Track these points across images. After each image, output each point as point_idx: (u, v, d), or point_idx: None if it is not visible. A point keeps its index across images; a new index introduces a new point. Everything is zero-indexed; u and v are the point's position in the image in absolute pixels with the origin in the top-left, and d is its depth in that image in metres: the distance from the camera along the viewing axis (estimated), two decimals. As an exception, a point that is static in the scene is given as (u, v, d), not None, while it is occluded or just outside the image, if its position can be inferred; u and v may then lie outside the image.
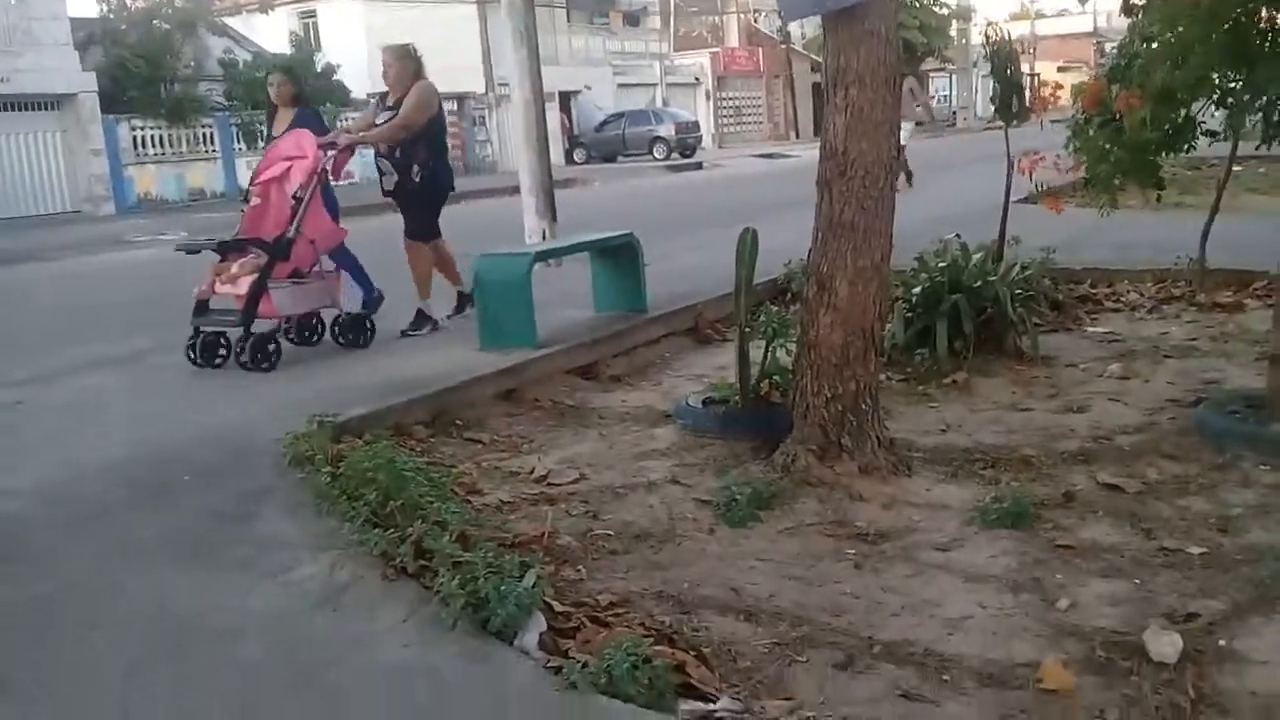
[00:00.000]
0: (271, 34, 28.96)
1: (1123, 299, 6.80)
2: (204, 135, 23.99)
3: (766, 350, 4.64)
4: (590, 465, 4.28)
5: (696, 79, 41.27)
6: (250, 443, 4.25)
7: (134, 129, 22.72)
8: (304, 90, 7.37)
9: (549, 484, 4.06)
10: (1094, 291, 6.90)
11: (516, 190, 9.64)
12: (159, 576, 3.16)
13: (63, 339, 7.21)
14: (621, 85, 37.59)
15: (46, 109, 21.43)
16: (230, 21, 27.48)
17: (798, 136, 40.50)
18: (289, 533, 3.42)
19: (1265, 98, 4.48)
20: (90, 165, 21.76)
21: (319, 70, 27.55)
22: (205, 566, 3.22)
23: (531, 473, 4.18)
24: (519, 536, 3.43)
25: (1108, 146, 5.32)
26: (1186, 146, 5.23)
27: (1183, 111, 5.09)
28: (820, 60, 4.08)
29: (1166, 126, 5.07)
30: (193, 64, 23.91)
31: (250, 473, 3.96)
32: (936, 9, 42.94)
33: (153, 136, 23.09)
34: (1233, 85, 4.93)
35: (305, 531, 3.41)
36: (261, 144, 24.76)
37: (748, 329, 4.60)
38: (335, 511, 3.43)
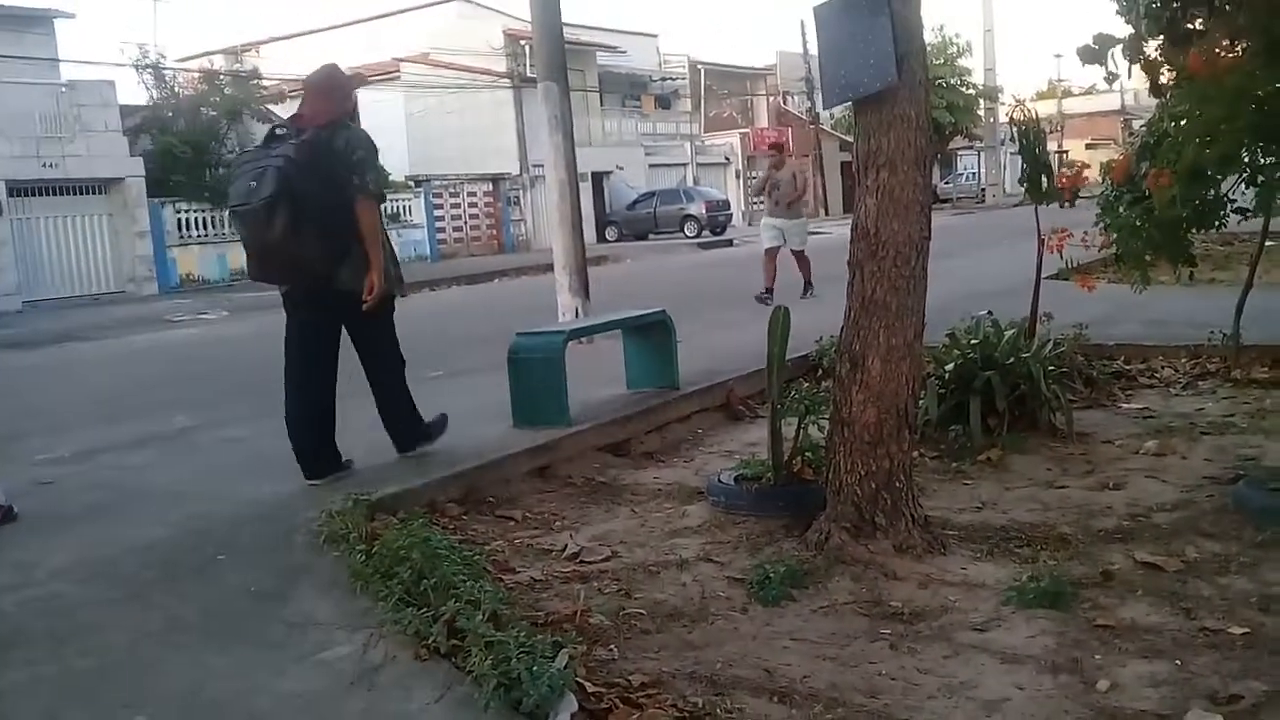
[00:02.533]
0: (313, 119, 29.75)
1: (1157, 375, 6.75)
2: (246, 218, 24.52)
3: (799, 427, 4.65)
4: (622, 543, 4.28)
5: (726, 158, 41.85)
6: (286, 521, 4.29)
7: (178, 211, 23.32)
8: None
9: (581, 562, 4.06)
10: (1128, 368, 6.86)
11: (550, 268, 9.79)
12: (196, 655, 3.18)
13: (107, 417, 7.34)
14: (653, 165, 38.19)
15: (95, 193, 22.05)
16: (274, 108, 28.25)
17: (827, 214, 40.80)
18: (324, 612, 3.44)
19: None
20: (135, 247, 22.31)
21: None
22: (241, 646, 3.24)
23: (564, 550, 4.19)
24: (551, 615, 3.43)
25: (1138, 223, 5.34)
26: (1217, 223, 5.24)
27: (1213, 189, 5.11)
28: (849, 139, 4.16)
29: (1197, 203, 5.09)
30: (237, 149, 24.54)
31: (286, 551, 4.00)
32: (964, 89, 43.53)
33: (196, 219, 23.67)
34: (1262, 163, 4.96)
35: (340, 611, 3.43)
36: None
37: (780, 406, 4.61)
38: (369, 590, 3.45)
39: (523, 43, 29.82)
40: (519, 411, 5.82)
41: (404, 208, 28.52)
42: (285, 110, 28.59)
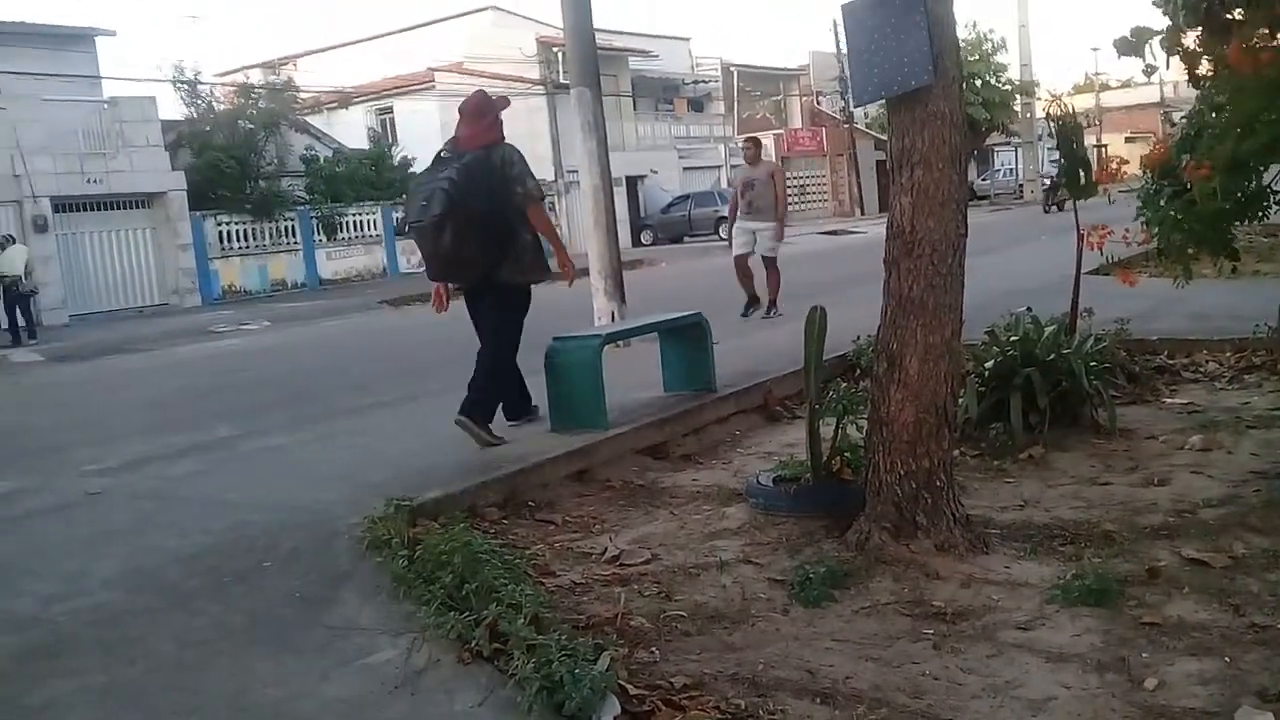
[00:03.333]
0: (350, 130, 30.10)
1: (1201, 369, 6.65)
2: (286, 229, 24.88)
3: (837, 427, 4.63)
4: (662, 545, 4.29)
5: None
6: (329, 527, 4.34)
7: (220, 224, 23.68)
8: None
9: (621, 565, 4.07)
10: (1171, 362, 6.76)
11: (585, 272, 9.81)
12: (242, 662, 3.23)
13: (151, 427, 7.46)
14: (687, 168, 38.20)
15: (138, 207, 22.46)
16: (311, 119, 28.61)
17: (863, 213, 40.58)
18: (367, 617, 3.48)
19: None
20: (178, 260, 22.68)
21: (395, 163, 28.52)
22: (286, 652, 3.28)
23: (604, 553, 4.20)
24: (592, 618, 3.44)
25: (1179, 216, 5.27)
26: (1260, 215, 5.16)
27: (1254, 180, 5.03)
28: (883, 138, 4.15)
29: (1239, 195, 5.01)
30: (275, 161, 24.90)
31: (329, 558, 4.04)
32: (1000, 85, 43.09)
33: (237, 231, 24.02)
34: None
35: (383, 615, 3.46)
36: (341, 235, 25.74)
37: (818, 406, 4.60)
38: (412, 595, 3.48)
39: (555, 49, 29.94)
40: (557, 415, 5.85)
41: (441, 215, 28.70)
42: (322, 121, 29.04)
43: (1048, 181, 30.21)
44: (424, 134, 31.40)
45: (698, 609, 3.56)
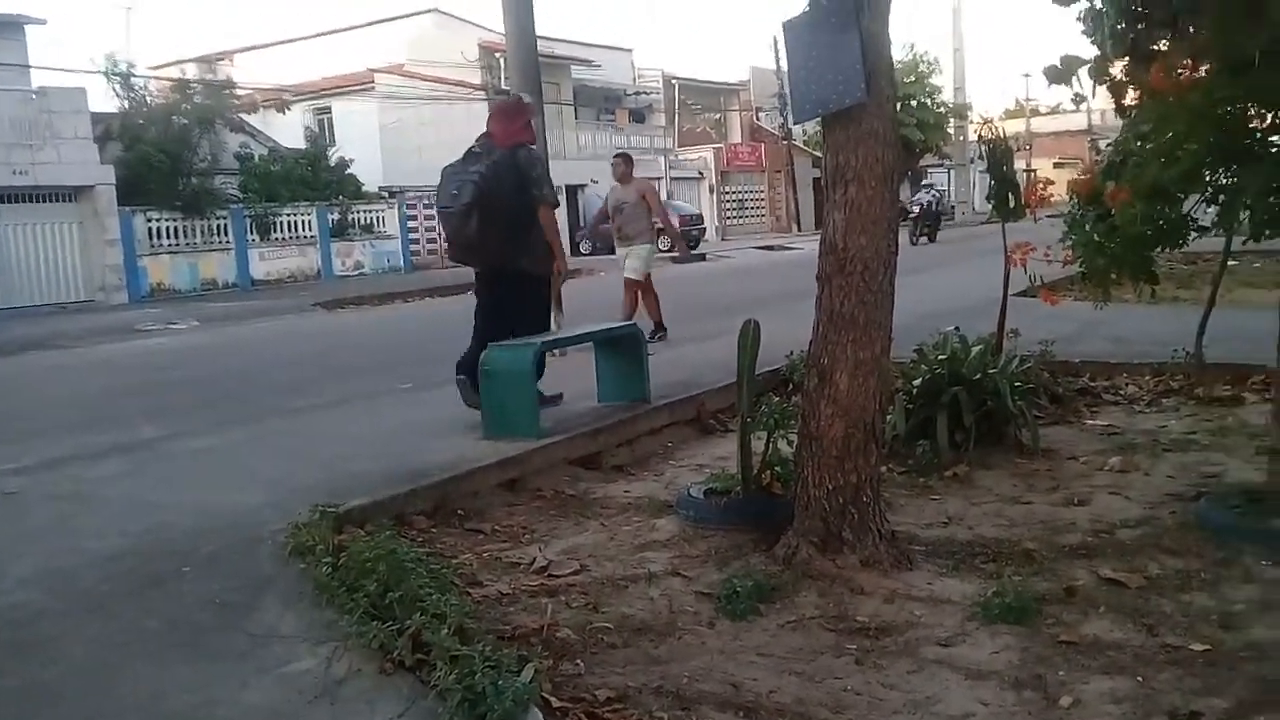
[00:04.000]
0: (287, 129, 29.68)
1: (1121, 392, 6.82)
2: (218, 227, 24.41)
3: (768, 441, 4.67)
4: (591, 556, 4.28)
5: (700, 173, 41.99)
6: (252, 532, 4.26)
7: (149, 220, 23.13)
8: None
9: (549, 575, 4.05)
10: (1093, 384, 6.93)
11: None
12: (157, 667, 3.15)
13: (73, 426, 7.26)
14: (628, 179, 38.22)
15: (64, 200, 21.84)
16: (248, 118, 28.13)
17: (799, 229, 41.01)
18: (288, 624, 3.41)
19: (1250, 195, 4.57)
20: (105, 255, 22.11)
21: (332, 164, 28.18)
22: (203, 658, 3.21)
23: (532, 564, 4.18)
24: (518, 629, 3.42)
25: (1102, 241, 5.41)
26: (1180, 242, 5.31)
27: (1175, 207, 5.18)
28: (820, 155, 4.19)
29: (1160, 222, 5.16)
30: (209, 158, 24.40)
31: (251, 563, 3.96)
32: (934, 107, 43.96)
33: (168, 228, 23.49)
34: (1223, 182, 5.04)
35: (304, 623, 3.40)
36: (275, 235, 25.36)
37: (750, 419, 4.63)
38: (334, 603, 3.42)
39: (498, 55, 29.84)
40: (490, 423, 5.81)
41: (377, 219, 28.43)
42: (258, 119, 28.56)
43: (917, 209, 28.51)
44: (363, 134, 31.19)
45: (624, 621, 3.56)
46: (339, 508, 4.35)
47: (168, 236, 23.54)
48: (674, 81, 43.02)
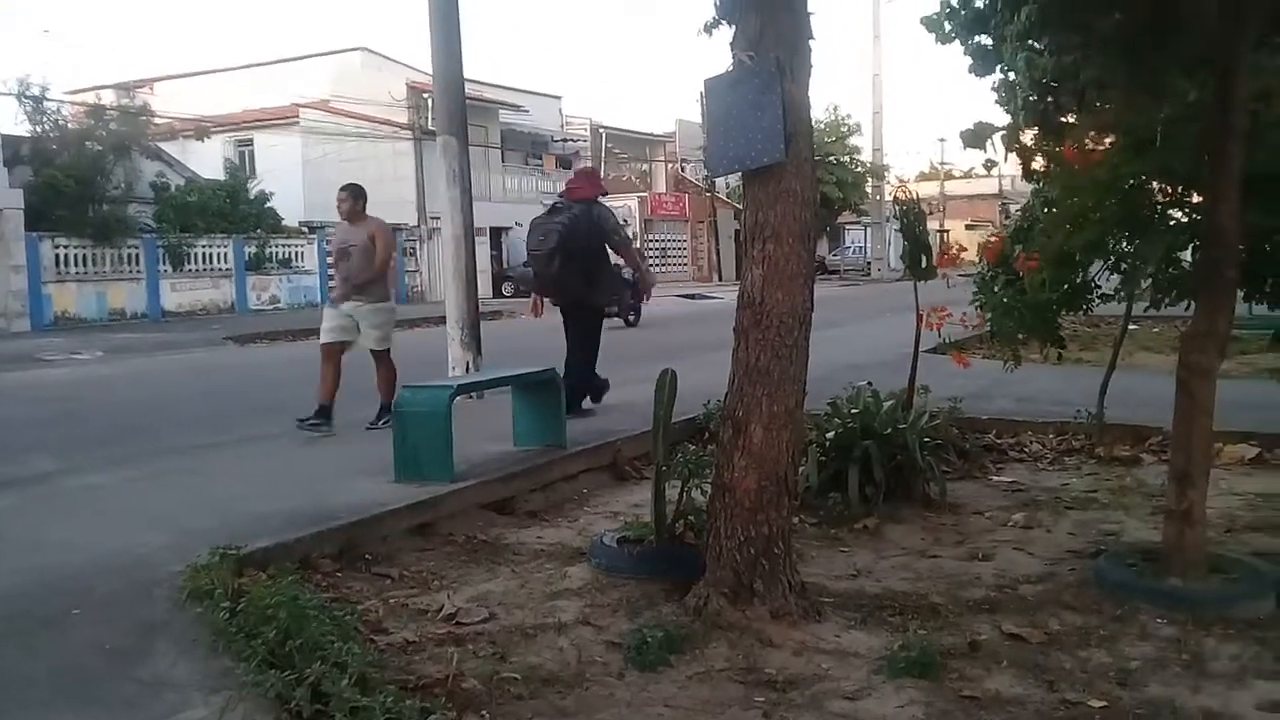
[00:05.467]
0: (207, 160, 29.17)
1: (1026, 450, 6.99)
2: (129, 256, 23.82)
3: (683, 490, 4.68)
4: (501, 604, 4.22)
5: (625, 221, 42.22)
6: (148, 574, 4.11)
7: (57, 247, 22.49)
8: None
9: (457, 623, 3.98)
10: (999, 441, 7.09)
11: (443, 321, 9.71)
12: (43, 715, 3.01)
13: (-41, 459, 6.95)
14: (553, 223, 38.29)
15: (-33, 224, 21.12)
16: (166, 146, 27.59)
17: (720, 279, 41.46)
18: (181, 672, 3.29)
19: (1150, 264, 4.76)
20: (9, 281, 21.40)
21: (252, 196, 27.75)
22: (91, 705, 3.08)
23: (440, 611, 4.10)
24: (422, 679, 3.35)
25: (1011, 304, 5.57)
26: (1084, 307, 5.51)
27: (1080, 274, 5.38)
28: (741, 209, 4.24)
29: (1065, 286, 5.34)
30: (123, 186, 23.84)
31: (145, 607, 3.82)
32: (853, 166, 45.13)
33: (76, 255, 22.86)
34: (1125, 250, 5.24)
35: (198, 671, 3.28)
36: (189, 266, 24.81)
37: (665, 468, 4.63)
38: (231, 650, 3.32)
39: (425, 95, 29.73)
40: (402, 466, 5.72)
41: (296, 253, 28.02)
42: (176, 148, 28.03)
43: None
44: (285, 168, 30.75)
45: (532, 671, 3.51)
46: (240, 550, 4.23)
47: (76, 264, 22.90)
48: (601, 130, 43.39)
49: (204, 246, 25.40)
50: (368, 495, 5.36)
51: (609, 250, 8.01)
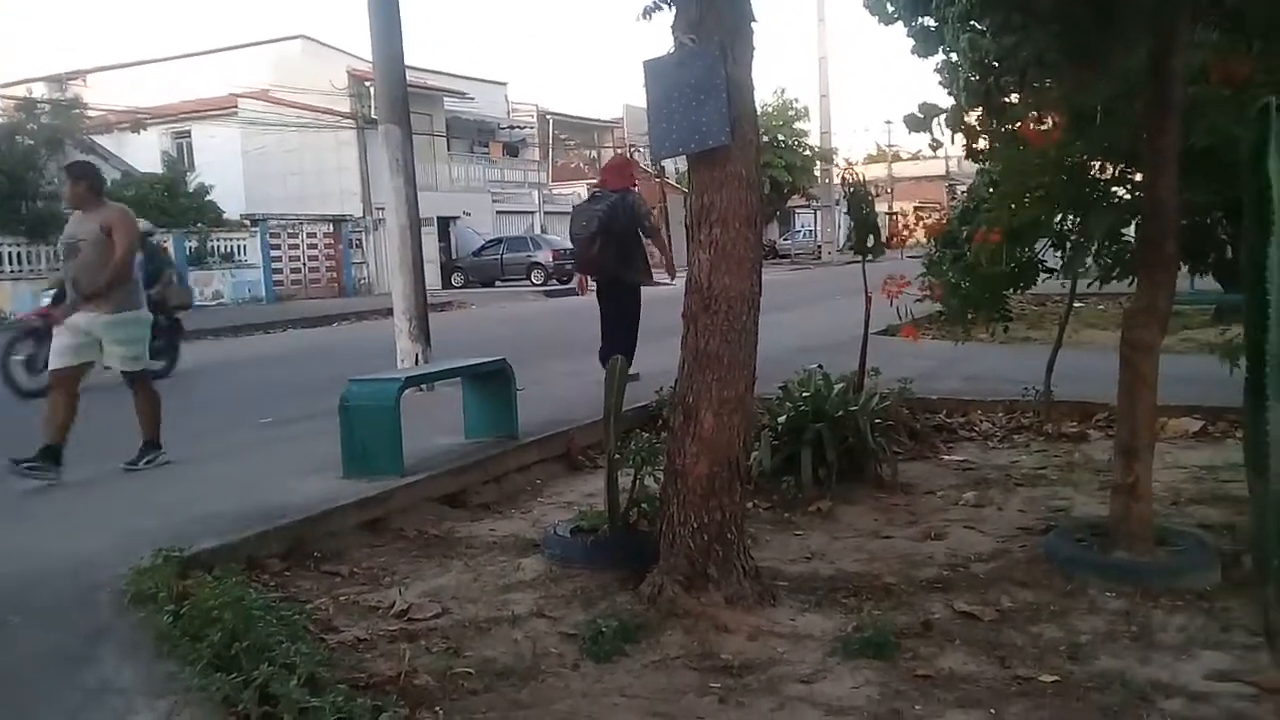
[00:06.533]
0: (143, 153, 28.57)
1: (976, 428, 7.05)
2: (65, 252, 23.26)
3: (635, 478, 4.65)
4: (454, 598, 4.17)
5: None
6: (89, 579, 4.01)
7: (-11, 244, 21.93)
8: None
9: (409, 619, 3.92)
10: (949, 421, 7.14)
11: (391, 313, 9.60)
12: (-25, 728, 2.92)
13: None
14: (501, 211, 38.11)
15: (-106, 221, 20.52)
16: (101, 140, 26.97)
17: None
18: (125, 678, 3.21)
19: (1094, 241, 4.81)
20: (-61, 280, 20.83)
21: (191, 190, 27.24)
22: (32, 715, 2.99)
23: (391, 607, 4.04)
24: (374, 677, 3.29)
25: (957, 281, 5.62)
26: (1030, 283, 5.56)
27: (1026, 250, 5.42)
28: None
29: (1013, 265, 5.39)
30: (56, 181, 23.25)
31: (87, 612, 3.72)
32: (801, 150, 45.30)
33: (10, 253, 22.30)
34: (1069, 230, 5.30)
35: (142, 676, 3.20)
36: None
37: (617, 456, 4.60)
38: (176, 654, 3.24)
39: (367, 84, 29.37)
40: (350, 461, 5.63)
41: (238, 247, 27.56)
42: (112, 142, 27.40)
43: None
44: (224, 160, 30.23)
45: (486, 665, 3.47)
46: (184, 552, 4.14)
47: (10, 262, 22.35)
48: (548, 116, 43.17)
49: (143, 241, 24.88)
50: (316, 492, 5.27)
51: (640, 234, 8.69)
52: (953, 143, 6.02)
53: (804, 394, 5.87)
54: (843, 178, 6.84)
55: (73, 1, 77.03)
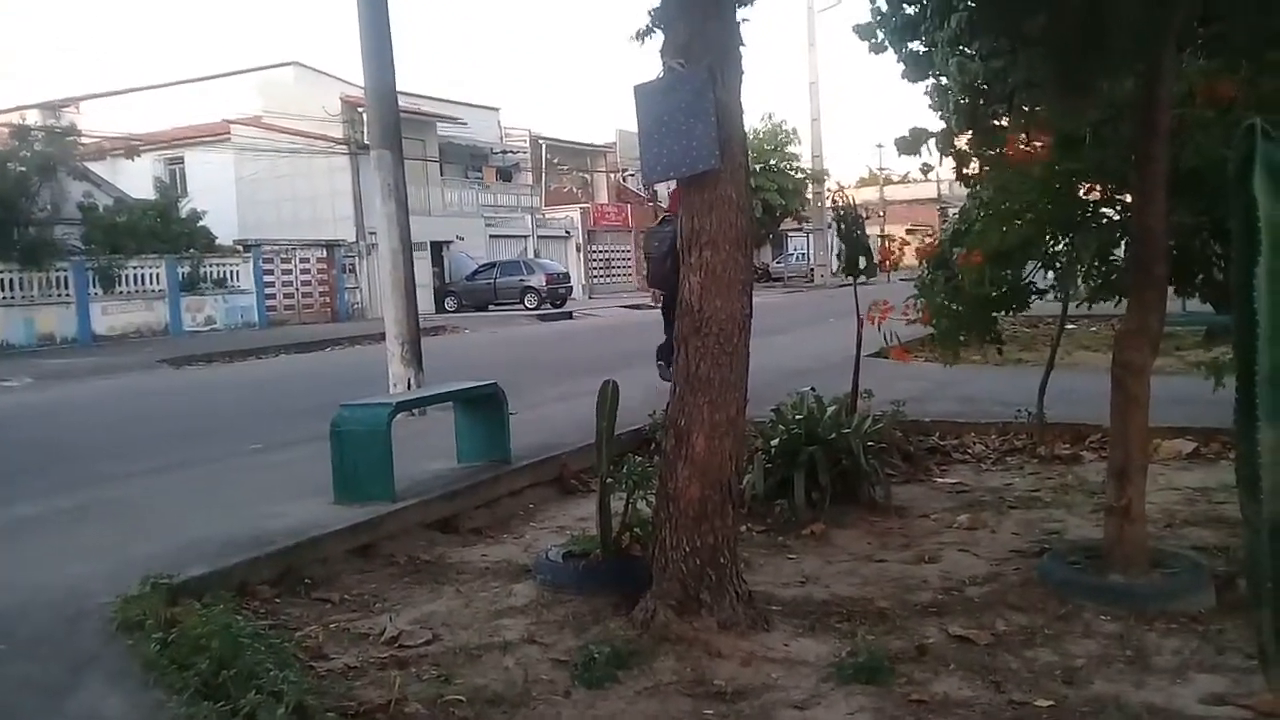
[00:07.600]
0: (137, 179, 28.58)
1: (969, 451, 7.04)
2: (58, 279, 23.24)
3: (628, 502, 4.63)
4: (445, 625, 4.14)
5: (567, 232, 42.21)
6: (78, 607, 3.97)
7: (-20, 271, 21.88)
8: None
9: (400, 646, 3.89)
10: (942, 443, 7.13)
11: (384, 337, 9.59)
12: (-42, 761, 2.88)
13: (-122, 494, 6.69)
14: (494, 236, 38.15)
15: (-113, 249, 20.46)
16: (94, 166, 26.96)
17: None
18: (111, 707, 3.17)
19: (1084, 262, 4.83)
20: (-68, 307, 20.76)
21: (184, 215, 27.23)
22: (13, 747, 2.95)
23: (382, 634, 4.01)
24: (364, 705, 3.26)
25: (949, 304, 5.62)
26: (1023, 305, 5.56)
27: (1016, 272, 5.44)
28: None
29: (1004, 287, 5.40)
30: (49, 207, 23.24)
31: (75, 640, 3.69)
32: (793, 173, 45.46)
33: (2, 280, 22.25)
34: (1058, 252, 5.32)
35: (129, 705, 3.17)
36: (120, 288, 24.27)
37: (609, 480, 4.58)
38: (163, 682, 3.20)
39: (360, 109, 29.39)
40: (341, 487, 5.60)
41: (231, 273, 27.54)
42: (105, 168, 27.41)
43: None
44: (217, 186, 30.24)
45: (477, 692, 3.44)
46: (173, 579, 4.10)
47: (2, 289, 22.29)
48: (541, 141, 43.29)
49: (135, 268, 24.86)
50: (307, 517, 5.23)
51: None
52: (942, 165, 6.05)
53: (797, 416, 5.86)
54: (833, 200, 6.86)
55: (67, 30, 77.30)
